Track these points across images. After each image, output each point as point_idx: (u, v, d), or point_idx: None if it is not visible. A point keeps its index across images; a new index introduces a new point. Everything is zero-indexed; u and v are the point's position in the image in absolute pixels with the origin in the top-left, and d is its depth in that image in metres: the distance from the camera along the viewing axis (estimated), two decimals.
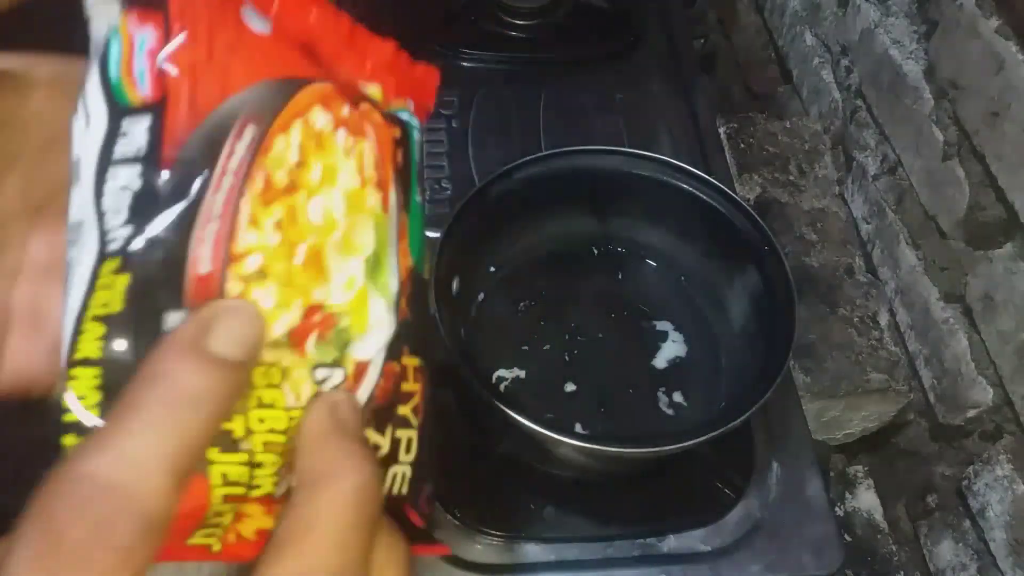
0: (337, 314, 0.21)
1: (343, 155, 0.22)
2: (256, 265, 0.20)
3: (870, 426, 0.76)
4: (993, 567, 0.65)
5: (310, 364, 0.21)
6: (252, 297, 0.20)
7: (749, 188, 0.82)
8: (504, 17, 0.88)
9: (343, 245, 0.22)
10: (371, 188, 0.23)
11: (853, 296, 0.75)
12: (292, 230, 0.21)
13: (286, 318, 0.21)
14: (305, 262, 0.21)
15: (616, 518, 0.58)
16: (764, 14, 1.03)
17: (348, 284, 0.22)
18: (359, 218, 0.22)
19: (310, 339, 0.21)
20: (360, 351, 0.22)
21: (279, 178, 0.21)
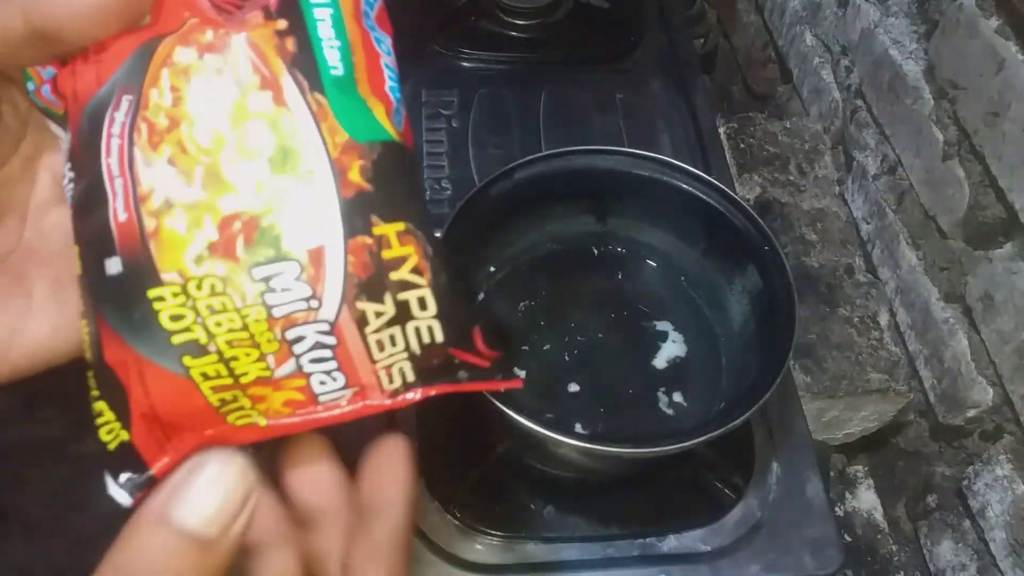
0: (256, 216, 0.23)
1: (214, 75, 0.24)
2: (161, 199, 0.23)
3: (870, 426, 0.76)
4: (993, 567, 0.65)
5: (245, 267, 0.23)
6: (164, 224, 0.23)
7: (749, 188, 0.82)
8: (504, 17, 0.88)
9: (237, 154, 0.23)
10: (254, 93, 0.24)
11: (853, 296, 0.75)
12: (184, 159, 0.23)
13: (202, 234, 0.23)
14: (204, 182, 0.23)
15: (616, 518, 0.58)
16: (764, 14, 1.03)
17: (257, 187, 0.23)
18: (248, 125, 0.24)
19: (237, 245, 0.23)
20: (303, 240, 0.23)
21: (160, 122, 0.24)
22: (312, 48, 0.24)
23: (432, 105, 0.81)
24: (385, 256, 0.24)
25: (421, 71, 0.84)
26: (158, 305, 0.23)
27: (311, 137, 0.24)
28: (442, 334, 0.25)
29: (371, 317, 0.24)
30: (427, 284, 0.24)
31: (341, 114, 0.24)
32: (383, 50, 0.26)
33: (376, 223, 0.24)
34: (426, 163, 0.76)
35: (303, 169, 0.23)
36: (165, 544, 0.20)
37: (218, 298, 0.23)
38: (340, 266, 0.23)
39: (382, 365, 0.25)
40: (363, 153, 0.24)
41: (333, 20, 0.25)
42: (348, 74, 0.25)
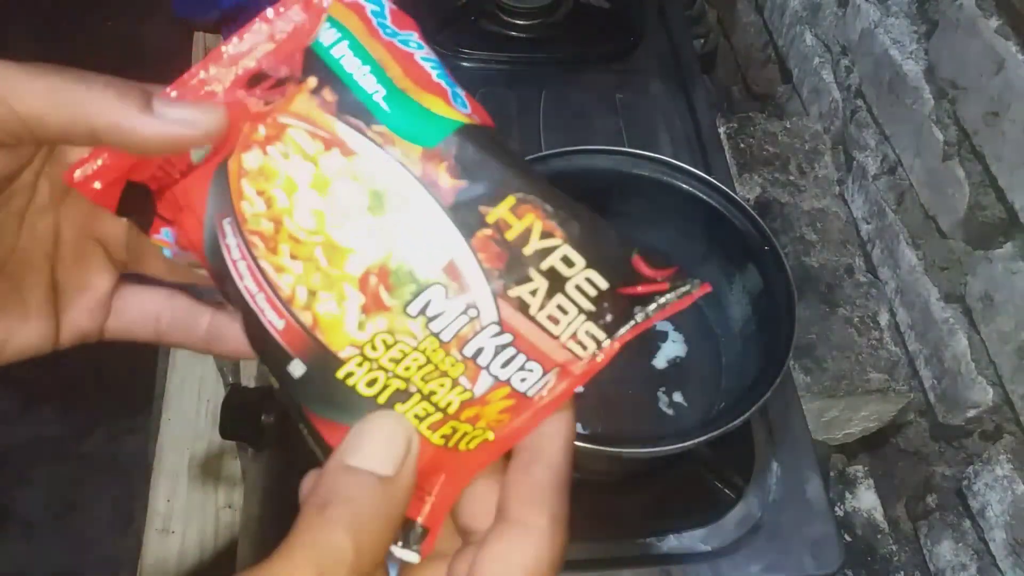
0: (383, 263, 0.24)
1: (284, 161, 0.25)
2: (303, 292, 0.24)
3: (870, 426, 0.76)
4: (993, 567, 0.65)
5: (399, 310, 0.24)
6: (318, 312, 0.24)
7: (749, 188, 0.82)
8: (504, 17, 0.88)
9: (341, 218, 0.24)
10: (323, 157, 0.24)
11: (853, 296, 0.75)
12: (302, 248, 0.24)
13: (351, 304, 0.24)
14: (328, 259, 0.24)
15: (616, 518, 0.58)
16: (764, 14, 1.03)
17: (369, 236, 0.24)
18: (333, 188, 0.24)
19: (383, 296, 0.24)
20: (433, 262, 0.24)
21: (266, 228, 0.25)
22: (348, 87, 0.25)
23: None
24: (510, 237, 0.24)
25: None
26: (351, 381, 0.24)
27: (390, 168, 0.24)
28: (603, 279, 0.25)
29: (528, 298, 0.24)
30: (563, 240, 0.24)
31: (404, 130, 0.24)
32: (414, 47, 0.26)
33: (486, 211, 0.24)
34: None
35: (398, 201, 0.24)
36: (352, 482, 0.24)
37: (394, 348, 0.24)
38: (475, 267, 0.24)
39: (566, 336, 0.25)
40: (442, 154, 0.24)
41: (353, 50, 0.25)
42: (391, 90, 0.25)
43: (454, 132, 0.24)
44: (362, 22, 0.26)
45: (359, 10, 0.26)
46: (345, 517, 0.23)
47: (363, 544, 0.23)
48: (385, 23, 0.26)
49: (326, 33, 0.26)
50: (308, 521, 0.23)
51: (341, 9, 0.26)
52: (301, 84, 0.25)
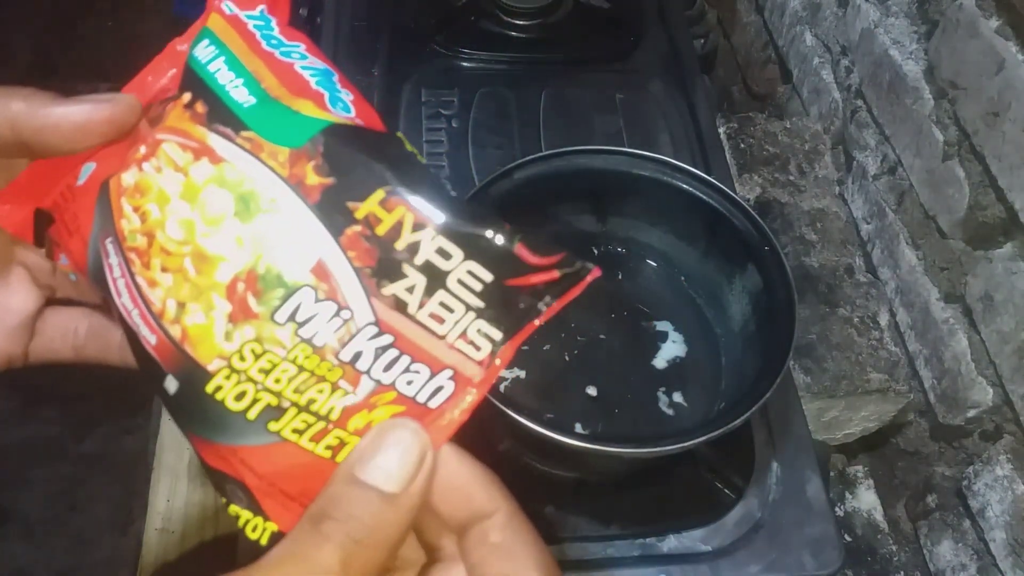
0: (251, 268, 0.23)
1: (157, 175, 0.25)
2: (172, 305, 0.24)
3: (870, 426, 0.76)
4: (993, 567, 0.65)
5: (267, 316, 0.23)
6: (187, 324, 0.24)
7: (749, 188, 0.82)
8: (504, 17, 0.88)
9: (208, 227, 0.24)
10: (193, 167, 0.24)
11: (853, 296, 0.75)
12: (172, 259, 0.24)
13: (219, 313, 0.23)
14: (196, 268, 0.24)
15: (616, 518, 0.58)
16: (764, 14, 1.03)
17: (238, 243, 0.23)
18: (201, 197, 0.24)
19: (250, 302, 0.23)
20: (301, 264, 0.23)
21: (141, 243, 0.25)
22: (220, 98, 0.25)
23: (432, 105, 0.81)
24: (381, 232, 0.23)
25: (421, 71, 0.83)
26: (220, 395, 0.24)
27: (257, 171, 0.24)
28: (486, 271, 0.24)
29: (405, 296, 0.23)
30: (436, 230, 0.23)
31: (271, 134, 0.24)
32: (296, 57, 0.26)
33: (355, 207, 0.23)
34: (426, 163, 0.76)
35: (265, 204, 0.23)
36: (355, 497, 0.23)
37: (263, 358, 0.23)
38: (346, 266, 0.23)
39: (454, 336, 0.24)
40: (309, 153, 0.24)
41: (228, 64, 0.25)
42: (263, 98, 0.25)
43: (322, 131, 0.24)
44: (242, 37, 0.26)
45: (240, 26, 0.26)
46: (339, 536, 0.22)
47: (353, 566, 0.22)
48: (271, 35, 0.26)
49: (203, 50, 0.26)
50: (302, 532, 0.23)
51: (221, 25, 0.26)
52: (177, 100, 0.25)
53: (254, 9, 0.27)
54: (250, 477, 0.24)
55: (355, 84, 0.27)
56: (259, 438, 0.24)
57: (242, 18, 0.26)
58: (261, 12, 0.27)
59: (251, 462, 0.24)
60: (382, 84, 0.81)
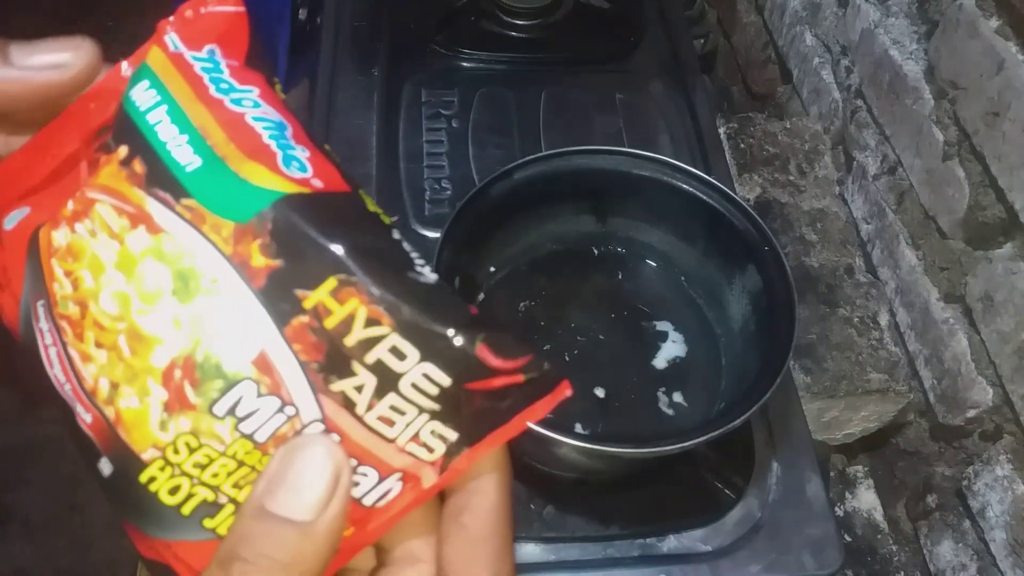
0: (188, 354, 0.21)
1: (91, 239, 0.22)
2: (105, 384, 0.22)
3: (870, 426, 0.76)
4: (993, 567, 0.65)
5: (204, 409, 0.21)
6: (120, 407, 0.22)
7: (749, 188, 0.82)
8: (504, 17, 0.88)
9: (144, 304, 0.22)
10: (129, 235, 0.22)
11: (853, 296, 0.75)
12: (105, 335, 0.22)
13: (154, 400, 0.21)
14: (131, 348, 0.22)
15: (616, 518, 0.58)
16: (764, 14, 1.03)
17: (176, 325, 0.21)
18: (138, 269, 0.22)
19: (187, 392, 0.21)
20: (241, 355, 0.21)
21: (73, 312, 0.22)
22: (160, 158, 0.22)
23: (432, 105, 0.81)
24: (330, 325, 0.21)
25: (421, 71, 0.84)
26: (153, 487, 0.22)
27: (198, 247, 0.21)
28: (444, 375, 0.21)
29: (354, 395, 0.21)
30: (391, 327, 0.21)
31: (215, 205, 0.21)
32: (248, 105, 0.23)
33: (303, 295, 0.21)
34: (426, 163, 0.76)
35: (206, 283, 0.21)
36: (263, 530, 0.21)
37: (199, 452, 0.21)
38: (291, 360, 0.21)
39: (405, 439, 0.22)
40: (256, 230, 0.21)
41: (171, 116, 0.22)
42: (208, 159, 0.22)
43: (271, 205, 0.21)
44: (187, 80, 0.23)
45: (184, 67, 0.23)
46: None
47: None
48: (221, 77, 0.24)
49: (142, 94, 0.23)
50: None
51: (163, 63, 0.23)
52: (111, 154, 0.23)
53: (201, 50, 0.24)
54: (186, 571, 0.23)
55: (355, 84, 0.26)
56: (194, 534, 0.22)
57: (187, 59, 0.23)
58: (210, 54, 0.24)
59: (186, 558, 0.22)
60: (382, 84, 0.81)
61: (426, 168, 0.76)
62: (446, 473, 0.22)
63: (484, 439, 0.22)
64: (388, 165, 0.76)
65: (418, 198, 0.74)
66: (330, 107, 0.79)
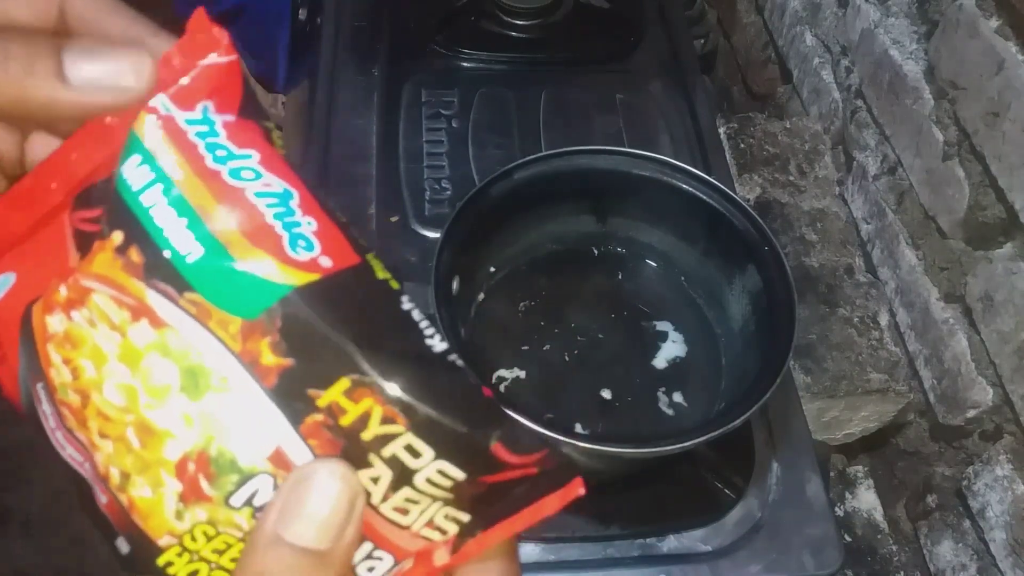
0: (202, 449, 0.21)
1: (91, 329, 0.21)
2: (116, 473, 0.22)
3: (870, 426, 0.76)
4: (993, 567, 0.65)
5: (221, 501, 0.21)
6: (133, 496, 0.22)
7: (749, 188, 0.82)
8: (504, 17, 0.88)
9: (152, 398, 0.21)
10: (131, 328, 0.21)
11: (853, 296, 0.75)
12: (111, 426, 0.21)
13: (168, 491, 0.21)
14: (141, 441, 0.21)
15: (616, 518, 0.58)
16: (764, 14, 1.03)
17: (187, 421, 0.21)
18: (143, 364, 0.21)
19: (202, 485, 0.21)
20: (257, 451, 0.21)
21: (73, 400, 0.22)
22: (158, 246, 0.21)
23: (432, 105, 0.81)
24: (345, 423, 0.21)
25: (421, 71, 0.83)
26: (172, 570, 0.22)
27: (206, 344, 0.21)
28: (458, 470, 0.21)
29: (370, 486, 0.21)
30: (406, 427, 0.21)
31: (221, 299, 0.21)
32: (249, 177, 0.22)
33: (317, 394, 0.20)
34: (426, 163, 0.76)
35: (215, 381, 0.21)
36: (281, 562, 0.20)
37: (217, 539, 0.21)
38: (308, 455, 0.21)
39: (419, 525, 0.22)
40: (264, 327, 0.20)
41: (167, 197, 0.21)
42: (210, 247, 0.21)
43: (280, 300, 0.20)
44: (181, 151, 0.21)
45: (178, 135, 0.22)
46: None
47: None
48: (216, 143, 0.22)
49: (134, 171, 0.21)
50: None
51: (155, 134, 0.22)
52: (105, 240, 0.21)
53: (194, 109, 0.22)
54: None
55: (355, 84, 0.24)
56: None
57: (180, 124, 0.22)
58: (204, 114, 0.22)
59: None
60: (382, 84, 0.81)
61: (426, 168, 0.76)
62: (458, 554, 0.22)
63: (496, 526, 0.22)
64: (388, 165, 0.76)
65: (418, 198, 0.74)
66: (330, 107, 0.79)
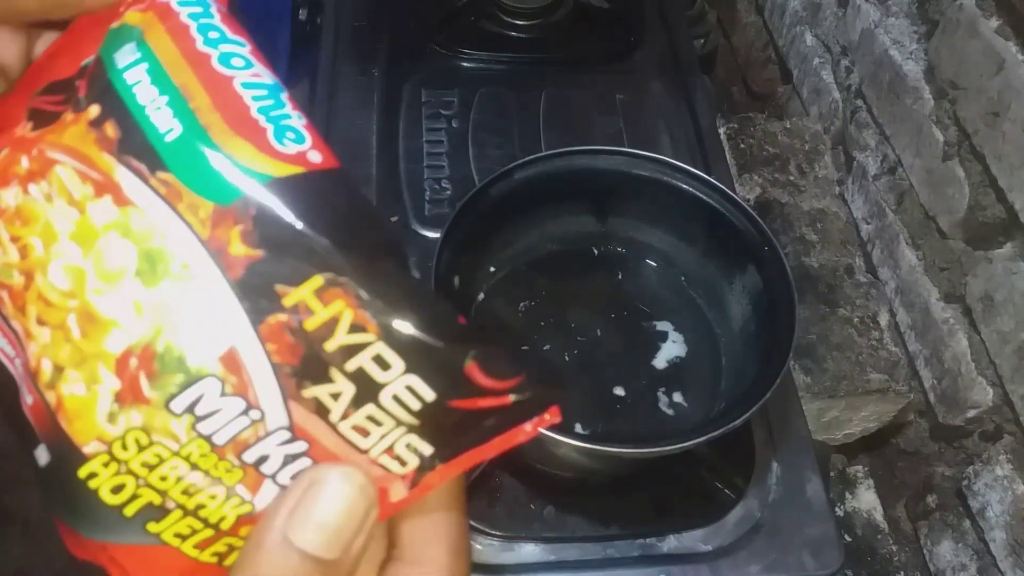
0: (148, 343, 0.19)
1: (46, 204, 0.20)
2: (48, 366, 0.20)
3: (870, 426, 0.76)
4: (993, 567, 0.65)
5: (160, 404, 0.19)
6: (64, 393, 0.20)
7: (749, 188, 0.82)
8: (504, 17, 0.88)
9: (101, 282, 0.19)
10: (92, 204, 0.19)
11: (853, 296, 0.75)
12: (52, 312, 0.20)
13: (104, 389, 0.19)
14: (82, 329, 0.19)
15: (616, 518, 0.58)
16: (764, 14, 1.03)
17: (137, 309, 0.19)
18: (98, 244, 0.19)
19: (142, 384, 0.19)
20: (208, 349, 0.19)
21: (16, 281, 0.20)
22: (137, 121, 0.20)
23: (432, 105, 0.81)
24: (310, 327, 0.19)
25: (421, 71, 0.84)
26: (93, 483, 0.20)
27: (171, 226, 0.19)
28: (429, 389, 0.20)
29: (328, 402, 0.20)
30: (377, 335, 0.19)
31: (195, 182, 0.19)
32: (239, 65, 0.20)
33: (284, 291, 0.19)
34: (426, 163, 0.76)
35: (176, 268, 0.19)
36: (287, 566, 0.19)
37: (149, 451, 0.19)
38: (263, 361, 0.19)
39: (378, 451, 0.20)
40: (238, 214, 0.19)
41: (152, 75, 0.20)
42: (191, 126, 0.19)
43: (256, 188, 0.19)
44: (171, 34, 0.20)
45: (170, 18, 0.21)
46: None
47: None
48: (210, 24, 0.21)
49: (121, 51, 0.20)
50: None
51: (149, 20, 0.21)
52: (80, 113, 0.20)
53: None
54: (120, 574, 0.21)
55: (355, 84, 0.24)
56: (135, 537, 0.20)
57: (173, 5, 0.21)
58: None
59: (123, 561, 0.21)
60: (382, 84, 0.81)
61: (426, 168, 0.76)
62: (416, 488, 0.21)
63: (459, 456, 0.21)
64: (388, 165, 0.76)
65: (418, 198, 0.74)
66: (330, 107, 0.79)
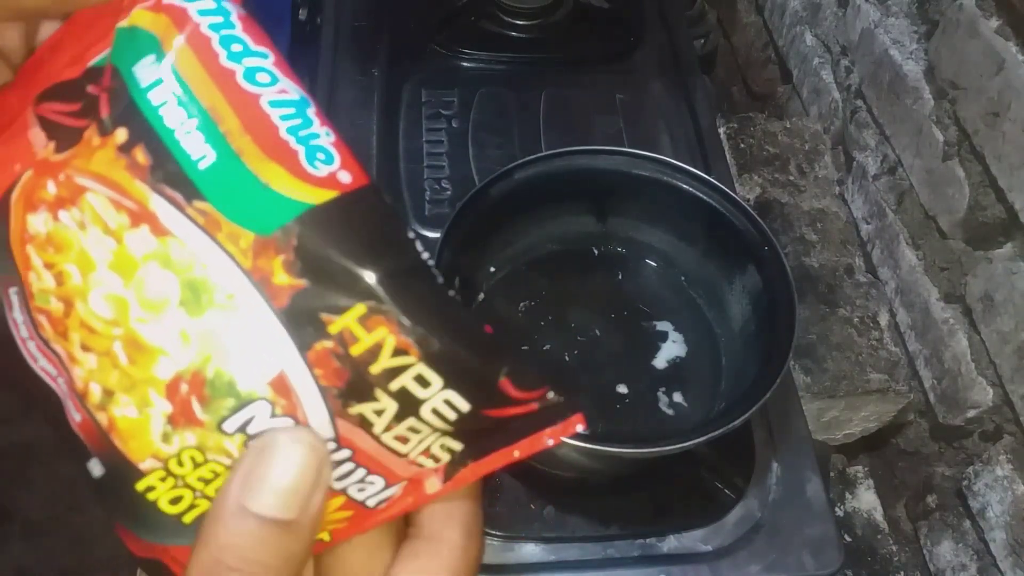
0: (197, 370, 0.19)
1: (79, 232, 0.20)
2: (97, 390, 0.20)
3: (870, 426, 0.76)
4: (993, 567, 0.65)
5: (213, 426, 0.20)
6: (115, 415, 0.20)
7: (749, 188, 0.82)
8: (504, 17, 0.88)
9: (145, 312, 0.19)
10: (130, 234, 0.19)
11: (853, 296, 0.75)
12: (97, 340, 0.20)
13: (155, 411, 0.20)
14: (129, 356, 0.20)
15: (616, 518, 0.58)
16: (764, 14, 1.03)
17: (183, 338, 0.19)
18: (139, 274, 0.19)
19: (194, 408, 0.20)
20: (258, 375, 0.19)
21: (54, 307, 0.20)
22: (167, 147, 0.19)
23: (432, 105, 0.81)
24: (355, 352, 0.19)
25: (421, 71, 0.84)
26: (152, 496, 0.20)
27: (212, 257, 0.19)
28: (464, 401, 0.21)
29: (372, 417, 0.20)
30: (418, 358, 0.20)
31: (234, 212, 0.19)
32: (264, 82, 0.20)
33: (329, 320, 0.19)
34: (426, 163, 0.76)
35: (220, 298, 0.19)
36: (248, 533, 0.19)
37: (205, 467, 0.20)
38: (310, 384, 0.20)
39: (416, 453, 0.21)
40: (279, 244, 0.19)
41: (178, 96, 0.19)
42: (223, 152, 0.19)
43: (296, 218, 0.19)
44: (193, 48, 0.20)
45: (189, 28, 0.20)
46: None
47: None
48: (232, 35, 0.20)
49: (144, 69, 0.20)
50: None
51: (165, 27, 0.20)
52: (107, 137, 0.19)
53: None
54: (181, 570, 0.21)
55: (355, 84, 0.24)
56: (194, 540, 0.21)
57: (192, 14, 0.20)
58: (218, 2, 0.20)
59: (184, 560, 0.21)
60: (382, 84, 0.81)
61: (426, 168, 0.76)
62: (450, 482, 0.22)
63: (489, 455, 0.22)
64: (388, 165, 0.76)
65: (418, 198, 0.74)
66: (330, 107, 0.79)
